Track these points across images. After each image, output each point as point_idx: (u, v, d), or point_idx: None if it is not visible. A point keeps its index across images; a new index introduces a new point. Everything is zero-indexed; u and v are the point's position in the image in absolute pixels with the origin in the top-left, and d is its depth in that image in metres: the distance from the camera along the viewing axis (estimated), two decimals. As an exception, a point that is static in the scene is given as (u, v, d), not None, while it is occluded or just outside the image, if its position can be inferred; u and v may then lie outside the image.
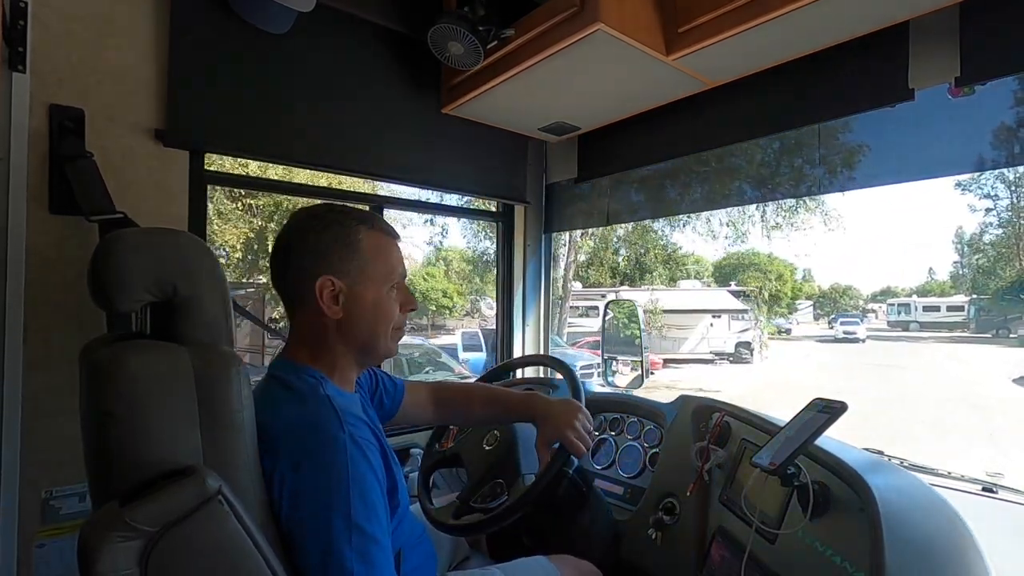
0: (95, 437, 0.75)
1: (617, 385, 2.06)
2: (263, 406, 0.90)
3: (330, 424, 0.87)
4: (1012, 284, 31.30)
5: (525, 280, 2.38)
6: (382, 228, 1.04)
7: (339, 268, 0.98)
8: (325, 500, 0.81)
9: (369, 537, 0.80)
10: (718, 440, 1.38)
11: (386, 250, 1.03)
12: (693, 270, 28.65)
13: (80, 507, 1.24)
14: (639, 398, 1.78)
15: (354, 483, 0.82)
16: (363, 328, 1.01)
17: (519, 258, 2.38)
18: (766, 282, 31.90)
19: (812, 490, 1.00)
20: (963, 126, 1.40)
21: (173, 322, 0.85)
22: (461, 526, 1.26)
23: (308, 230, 0.99)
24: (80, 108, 1.25)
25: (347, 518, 0.79)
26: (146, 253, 0.83)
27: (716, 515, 1.30)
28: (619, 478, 1.65)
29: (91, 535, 0.66)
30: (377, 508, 0.84)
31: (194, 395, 0.77)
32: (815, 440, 1.01)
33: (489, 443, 1.42)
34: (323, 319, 0.98)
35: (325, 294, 0.97)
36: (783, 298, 34.02)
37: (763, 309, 22.65)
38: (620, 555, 1.46)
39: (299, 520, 0.82)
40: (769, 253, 34.09)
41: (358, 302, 0.99)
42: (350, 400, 1.01)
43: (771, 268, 33.29)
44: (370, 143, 1.76)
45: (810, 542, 1.01)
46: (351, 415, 0.91)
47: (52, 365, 1.21)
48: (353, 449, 0.85)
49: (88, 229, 1.18)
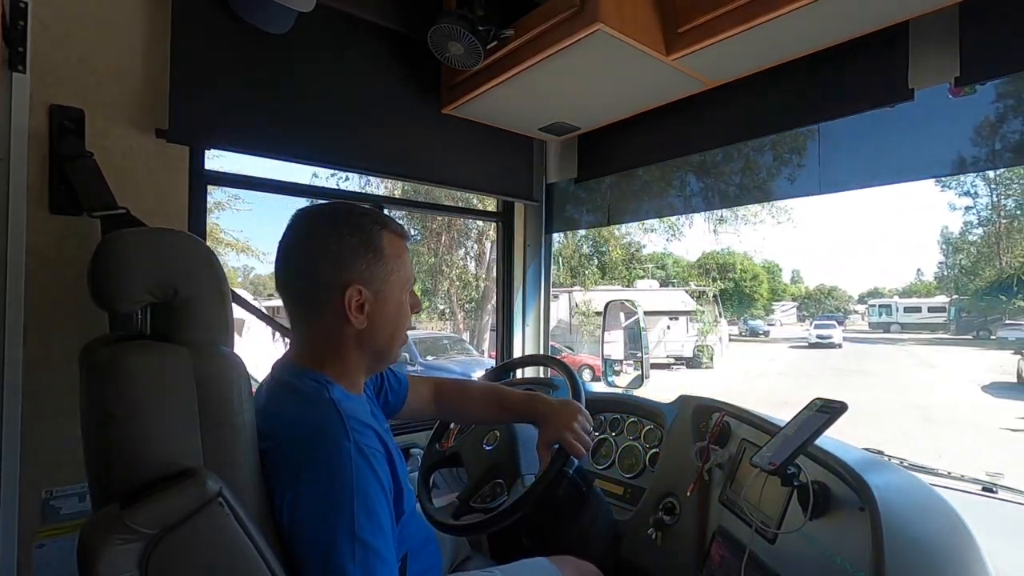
0: (95, 438, 0.75)
1: (617, 385, 2.06)
2: (266, 408, 0.90)
3: (335, 431, 0.85)
4: (991, 284, 30.55)
5: (525, 281, 2.38)
6: (397, 230, 1.01)
7: (367, 276, 0.94)
8: (328, 512, 0.79)
9: (373, 551, 0.79)
10: (718, 440, 1.38)
11: (403, 254, 1.01)
12: (652, 270, 27.59)
13: (80, 507, 1.23)
14: (639, 398, 1.78)
15: (359, 496, 0.80)
16: (383, 336, 0.99)
17: (519, 258, 2.38)
18: (727, 283, 30.99)
19: (812, 490, 1.00)
20: (951, 126, 1.41)
21: (174, 323, 0.84)
22: (461, 526, 1.26)
23: (327, 235, 0.94)
24: (80, 108, 1.25)
25: (351, 532, 0.78)
26: (147, 253, 0.82)
27: (716, 515, 1.30)
28: (619, 478, 1.65)
29: (91, 537, 0.67)
30: (382, 520, 0.82)
31: (194, 396, 0.77)
32: (815, 440, 1.01)
33: (489, 443, 1.42)
34: (344, 327, 0.95)
35: (354, 304, 0.93)
36: (758, 299, 33.07)
37: (716, 311, 21.65)
38: (620, 555, 1.46)
39: (300, 531, 0.80)
40: (744, 252, 33.33)
41: (382, 310, 0.97)
42: (357, 404, 0.97)
43: (746, 268, 32.42)
44: (371, 141, 1.76)
45: (810, 542, 1.01)
46: (357, 421, 0.88)
47: (52, 365, 1.21)
48: (358, 459, 0.82)
49: (88, 229, 1.18)
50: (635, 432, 1.69)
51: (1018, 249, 29.96)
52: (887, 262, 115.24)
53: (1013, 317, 28.53)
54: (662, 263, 30.07)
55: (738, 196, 1.97)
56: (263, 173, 1.69)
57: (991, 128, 1.37)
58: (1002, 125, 1.36)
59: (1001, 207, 30.19)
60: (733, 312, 32.21)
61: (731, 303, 31.48)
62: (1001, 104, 1.35)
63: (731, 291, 31.40)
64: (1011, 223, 30.18)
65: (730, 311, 31.74)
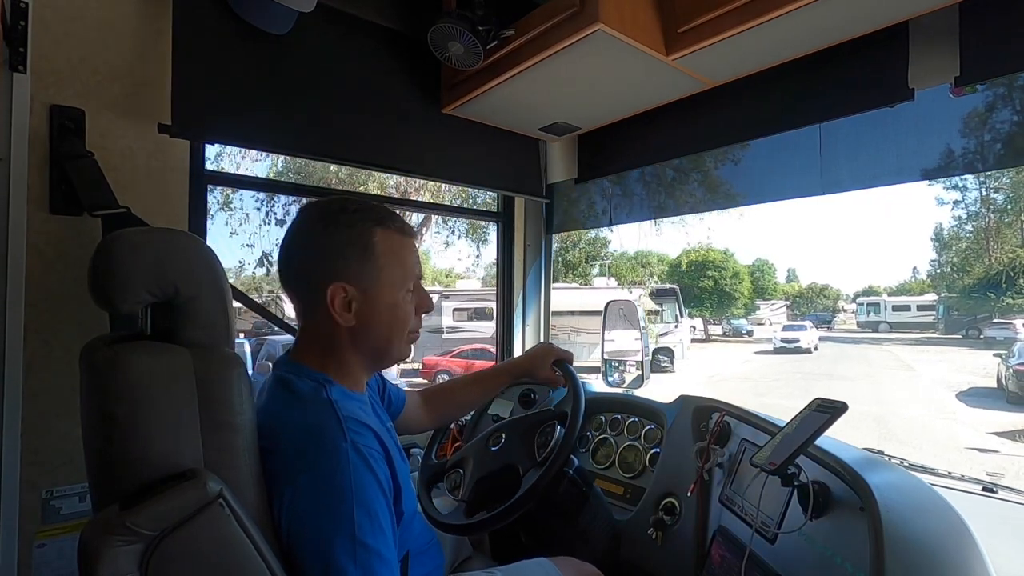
0: (96, 438, 0.75)
1: (617, 385, 2.06)
2: (265, 408, 0.90)
3: (331, 431, 0.84)
4: (979, 281, 29.45)
5: (525, 281, 2.38)
6: (398, 227, 0.98)
7: (352, 273, 0.92)
8: (327, 514, 0.79)
9: (374, 552, 0.78)
10: (718, 440, 1.38)
11: (402, 251, 0.98)
12: (622, 267, 26.87)
13: (81, 507, 1.24)
14: (639, 398, 1.78)
15: (357, 497, 0.79)
16: (378, 335, 0.97)
17: (519, 259, 2.38)
18: (707, 281, 30.08)
19: (812, 490, 1.00)
20: (950, 126, 1.42)
21: (174, 323, 0.84)
22: (463, 525, 1.25)
23: (317, 231, 0.94)
24: (80, 108, 1.26)
25: (350, 534, 0.77)
26: (147, 253, 0.82)
27: (716, 515, 1.30)
28: (619, 478, 1.65)
29: (92, 538, 0.67)
30: (382, 521, 0.81)
31: (195, 397, 0.77)
32: (815, 440, 1.00)
33: (494, 443, 1.42)
34: (334, 326, 0.94)
35: (337, 302, 0.92)
36: (739, 298, 31.46)
37: (677, 309, 20.03)
38: (620, 555, 1.46)
39: (299, 534, 0.80)
40: (725, 250, 32.17)
41: (373, 309, 0.94)
42: (357, 403, 0.96)
43: (725, 266, 31.18)
44: (372, 139, 1.76)
45: (810, 542, 1.01)
46: (354, 421, 0.87)
47: (52, 365, 1.21)
48: (356, 459, 0.82)
49: (88, 229, 1.18)
50: (635, 432, 1.69)
51: (1007, 245, 29.16)
52: (883, 260, 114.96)
53: (1002, 315, 27.69)
54: (645, 261, 29.72)
55: (738, 197, 1.97)
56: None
57: (991, 128, 1.38)
58: (1003, 126, 1.36)
59: (990, 201, 29.41)
60: (713, 312, 31.60)
61: (710, 302, 30.76)
62: (1001, 105, 1.36)
63: (710, 289, 30.54)
64: (1000, 218, 29.35)
65: (709, 311, 31.20)
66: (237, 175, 1.94)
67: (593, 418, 1.80)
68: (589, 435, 1.78)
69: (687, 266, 31.26)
